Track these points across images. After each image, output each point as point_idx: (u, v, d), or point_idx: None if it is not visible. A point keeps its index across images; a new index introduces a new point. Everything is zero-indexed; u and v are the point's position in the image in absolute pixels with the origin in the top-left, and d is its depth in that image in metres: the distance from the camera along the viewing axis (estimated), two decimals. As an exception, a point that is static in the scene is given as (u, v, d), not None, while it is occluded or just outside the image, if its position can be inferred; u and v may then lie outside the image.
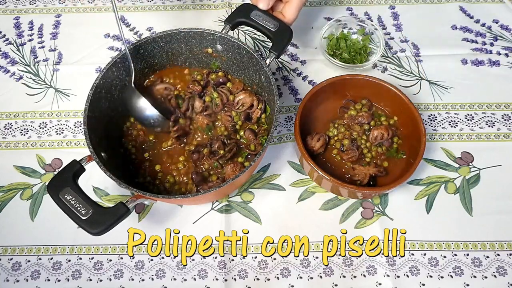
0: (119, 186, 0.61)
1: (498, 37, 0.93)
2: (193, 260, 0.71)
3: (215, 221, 0.74)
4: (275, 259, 0.70)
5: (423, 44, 0.92)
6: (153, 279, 0.70)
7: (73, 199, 0.58)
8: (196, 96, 0.76)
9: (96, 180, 0.77)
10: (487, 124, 0.82)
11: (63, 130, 0.83)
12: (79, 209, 0.57)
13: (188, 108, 0.75)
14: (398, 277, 0.69)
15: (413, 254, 0.71)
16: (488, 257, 0.70)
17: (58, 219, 0.73)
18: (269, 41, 0.81)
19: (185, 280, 0.69)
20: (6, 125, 0.84)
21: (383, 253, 0.70)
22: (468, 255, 0.70)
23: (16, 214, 0.75)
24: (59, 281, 0.69)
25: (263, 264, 0.70)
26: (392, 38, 0.94)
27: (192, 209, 0.75)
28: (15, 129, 0.84)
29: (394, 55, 0.91)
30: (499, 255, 0.70)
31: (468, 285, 0.68)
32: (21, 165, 0.80)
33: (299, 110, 0.73)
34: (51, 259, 0.71)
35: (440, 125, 0.82)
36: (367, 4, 0.99)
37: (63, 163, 0.80)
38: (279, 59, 0.91)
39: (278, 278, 0.69)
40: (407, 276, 0.69)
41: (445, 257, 0.70)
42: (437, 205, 0.74)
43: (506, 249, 0.71)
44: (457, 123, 0.83)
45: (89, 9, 0.99)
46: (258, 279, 0.69)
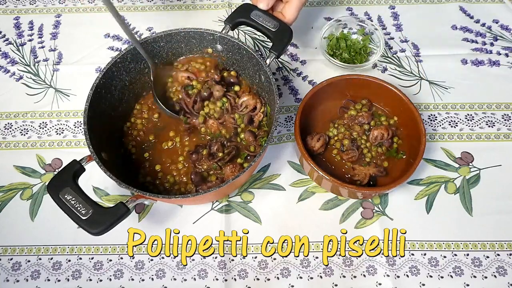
0: (119, 186, 0.61)
1: (498, 37, 0.93)
2: (193, 260, 0.71)
3: (215, 221, 0.74)
4: (275, 259, 0.70)
5: (423, 44, 0.92)
6: (153, 279, 0.70)
7: (73, 199, 0.58)
8: (214, 84, 0.74)
9: (96, 180, 0.77)
10: (487, 124, 0.82)
11: (63, 130, 0.83)
12: (79, 209, 0.57)
13: (196, 101, 0.74)
14: (398, 277, 0.69)
15: (413, 254, 0.71)
16: (488, 257, 0.70)
17: (58, 219, 0.73)
18: (269, 41, 0.81)
19: (185, 280, 0.69)
20: (6, 125, 0.84)
21: (383, 253, 0.70)
22: (468, 255, 0.70)
23: (16, 214, 0.75)
24: (59, 281, 0.70)
25: (263, 264, 0.70)
26: (392, 38, 0.94)
27: (192, 209, 0.75)
28: (15, 129, 0.84)
29: (394, 55, 0.91)
30: (499, 255, 0.70)
31: (468, 285, 0.68)
32: (21, 165, 0.80)
33: (299, 110, 0.73)
34: (51, 259, 0.71)
35: (440, 125, 0.82)
36: (367, 4, 0.99)
37: (63, 163, 0.80)
38: (279, 59, 0.91)
39: (278, 278, 0.69)
40: (407, 276, 0.69)
41: (445, 257, 0.70)
42: (437, 205, 0.74)
43: (506, 249, 0.71)
44: (457, 123, 0.83)
45: (89, 9, 0.99)
46: (258, 279, 0.69)
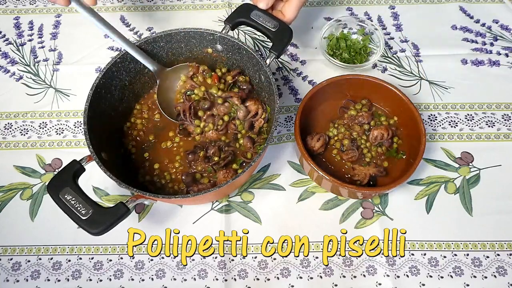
0: (119, 186, 0.61)
1: (498, 37, 0.93)
2: (193, 260, 0.71)
3: (215, 221, 0.74)
4: (275, 259, 0.70)
5: (423, 44, 0.92)
6: (153, 279, 0.69)
7: (73, 199, 0.58)
8: (238, 104, 0.73)
9: (96, 180, 0.77)
10: (487, 124, 0.82)
11: (63, 130, 0.83)
12: (79, 209, 0.57)
13: (191, 107, 0.73)
14: (398, 277, 0.69)
15: (413, 254, 0.71)
16: (488, 257, 0.70)
17: (58, 219, 0.73)
18: (269, 41, 0.81)
19: (185, 280, 0.69)
20: (6, 125, 0.84)
21: (383, 253, 0.70)
22: (468, 255, 0.70)
23: (16, 214, 0.75)
24: (59, 281, 0.70)
25: (263, 264, 0.70)
26: (392, 38, 0.94)
27: (192, 209, 0.75)
28: (15, 129, 0.84)
29: (394, 55, 0.91)
30: (499, 255, 0.70)
31: (468, 285, 0.68)
32: (21, 165, 0.80)
33: (299, 110, 0.73)
34: (51, 259, 0.71)
35: (440, 125, 0.82)
36: (367, 4, 0.99)
37: (63, 163, 0.80)
38: (279, 59, 0.91)
39: (278, 278, 0.69)
40: (407, 276, 0.69)
41: (445, 257, 0.70)
42: (437, 205, 0.74)
43: (506, 249, 0.71)
44: (457, 123, 0.82)
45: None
46: (258, 279, 0.69)
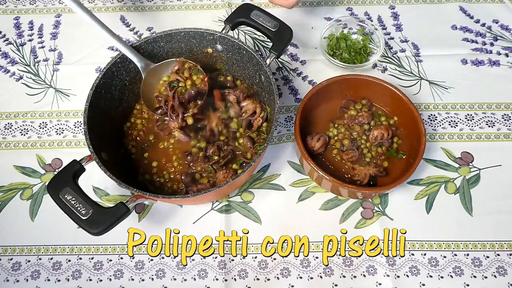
0: (119, 186, 0.61)
1: (498, 37, 0.93)
2: (193, 260, 0.71)
3: (215, 221, 0.74)
4: (275, 259, 0.70)
5: (423, 44, 0.92)
6: (153, 279, 0.69)
7: (73, 199, 0.58)
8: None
9: (96, 180, 0.77)
10: (487, 124, 0.82)
11: (63, 130, 0.83)
12: (79, 209, 0.57)
13: (179, 100, 0.71)
14: (398, 277, 0.69)
15: (413, 254, 0.71)
16: (488, 257, 0.70)
17: (58, 219, 0.73)
18: (269, 41, 0.81)
19: (185, 280, 0.69)
20: (6, 125, 0.84)
21: (383, 253, 0.70)
22: (468, 255, 0.70)
23: (16, 214, 0.75)
24: (59, 281, 0.69)
25: (263, 264, 0.70)
26: (392, 38, 0.94)
27: (192, 209, 0.75)
28: (15, 129, 0.84)
29: (394, 55, 0.91)
30: (499, 255, 0.70)
31: (468, 285, 0.68)
32: (21, 165, 0.80)
33: (299, 110, 0.73)
34: (51, 259, 0.71)
35: (440, 125, 0.82)
36: (367, 4, 0.99)
37: (63, 163, 0.80)
38: (279, 59, 0.91)
39: (278, 278, 0.69)
40: (407, 276, 0.69)
41: (445, 257, 0.70)
42: (437, 205, 0.74)
43: (506, 249, 0.71)
44: (457, 123, 0.82)
45: (89, 9, 0.99)
46: (258, 279, 0.69)
